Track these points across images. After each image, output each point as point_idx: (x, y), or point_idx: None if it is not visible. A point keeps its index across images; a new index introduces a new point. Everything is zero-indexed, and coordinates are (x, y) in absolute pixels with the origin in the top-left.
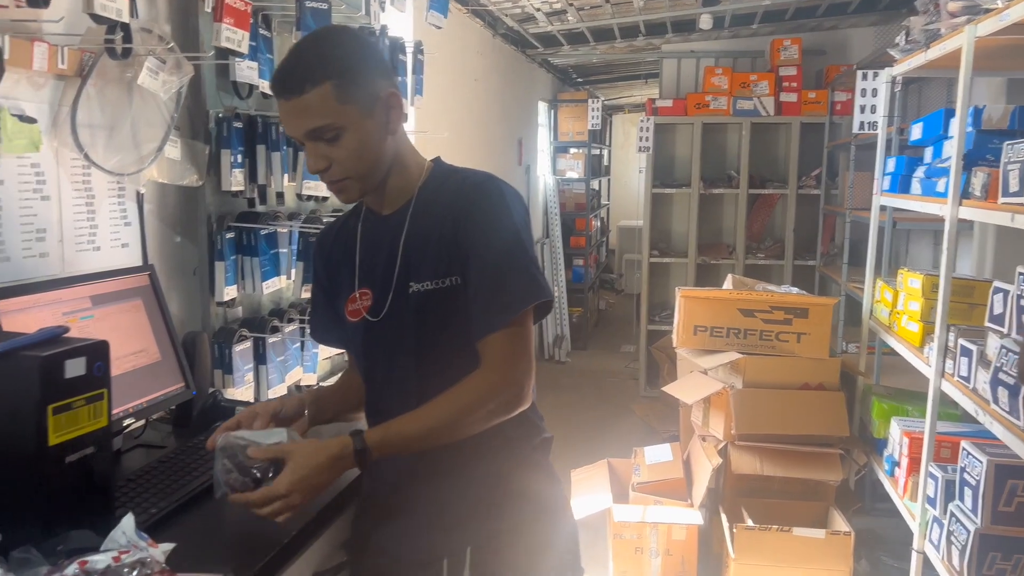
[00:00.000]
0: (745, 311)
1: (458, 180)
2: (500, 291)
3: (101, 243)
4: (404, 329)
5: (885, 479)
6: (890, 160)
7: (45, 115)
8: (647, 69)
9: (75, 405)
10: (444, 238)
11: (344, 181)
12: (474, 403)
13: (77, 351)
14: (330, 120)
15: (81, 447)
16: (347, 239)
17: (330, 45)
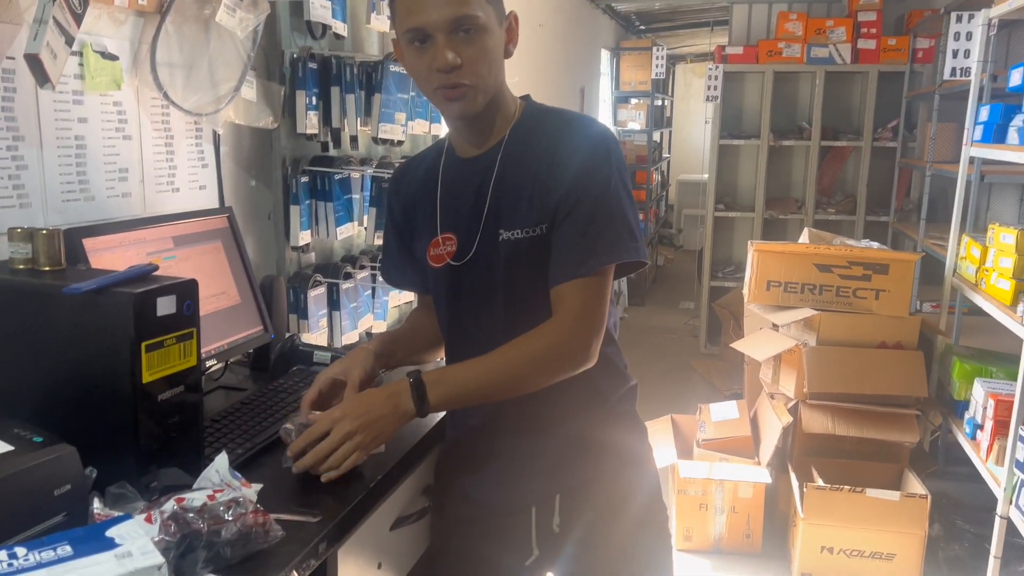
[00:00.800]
0: (821, 266)
1: (556, 124)
2: (585, 239)
3: (180, 184)
4: (493, 278)
5: (965, 442)
6: (983, 109)
7: (126, 52)
8: (714, 16)
9: (167, 343)
10: (538, 184)
11: (468, 88)
12: (537, 358)
13: (168, 289)
14: (478, 12)
15: (173, 385)
16: (427, 180)
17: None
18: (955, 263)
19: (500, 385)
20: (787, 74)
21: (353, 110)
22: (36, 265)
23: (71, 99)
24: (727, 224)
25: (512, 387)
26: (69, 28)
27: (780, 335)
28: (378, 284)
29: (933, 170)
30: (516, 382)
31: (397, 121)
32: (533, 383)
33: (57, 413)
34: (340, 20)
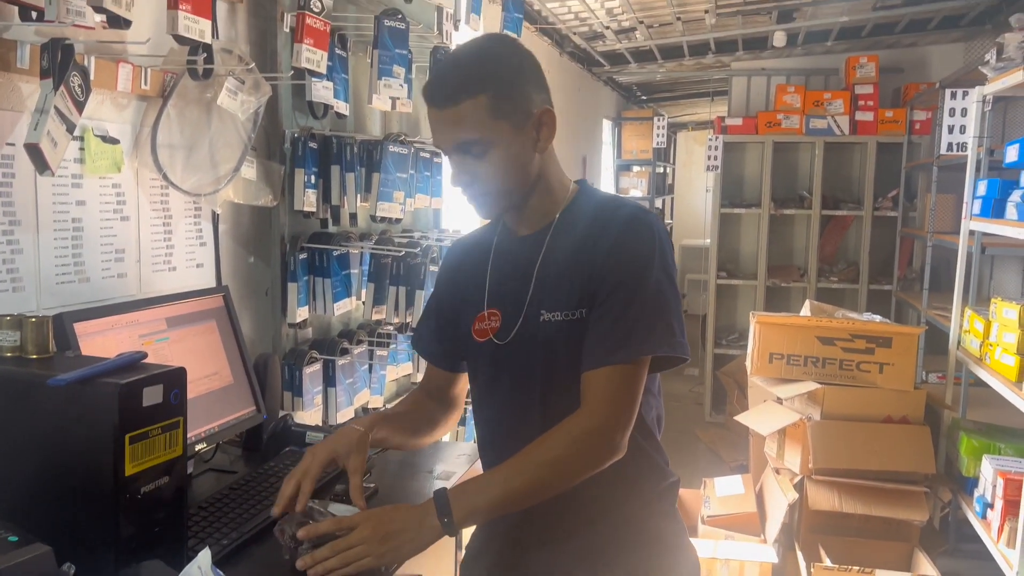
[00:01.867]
0: (824, 339)
1: (605, 209)
2: (620, 327)
3: (177, 263)
4: (533, 358)
5: (976, 521)
6: (981, 183)
7: (127, 136)
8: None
9: (152, 434)
10: (582, 268)
11: (485, 197)
12: (563, 456)
13: (155, 379)
14: (481, 135)
15: (156, 477)
16: (479, 255)
17: (490, 55)
18: (959, 336)
19: (528, 491)
20: (786, 144)
21: (353, 188)
22: (24, 353)
23: (70, 183)
24: (730, 291)
25: (541, 491)
26: (71, 116)
27: (784, 408)
28: (375, 360)
29: (934, 240)
30: (544, 485)
31: (395, 200)
32: (562, 484)
33: (37, 506)
34: (342, 100)
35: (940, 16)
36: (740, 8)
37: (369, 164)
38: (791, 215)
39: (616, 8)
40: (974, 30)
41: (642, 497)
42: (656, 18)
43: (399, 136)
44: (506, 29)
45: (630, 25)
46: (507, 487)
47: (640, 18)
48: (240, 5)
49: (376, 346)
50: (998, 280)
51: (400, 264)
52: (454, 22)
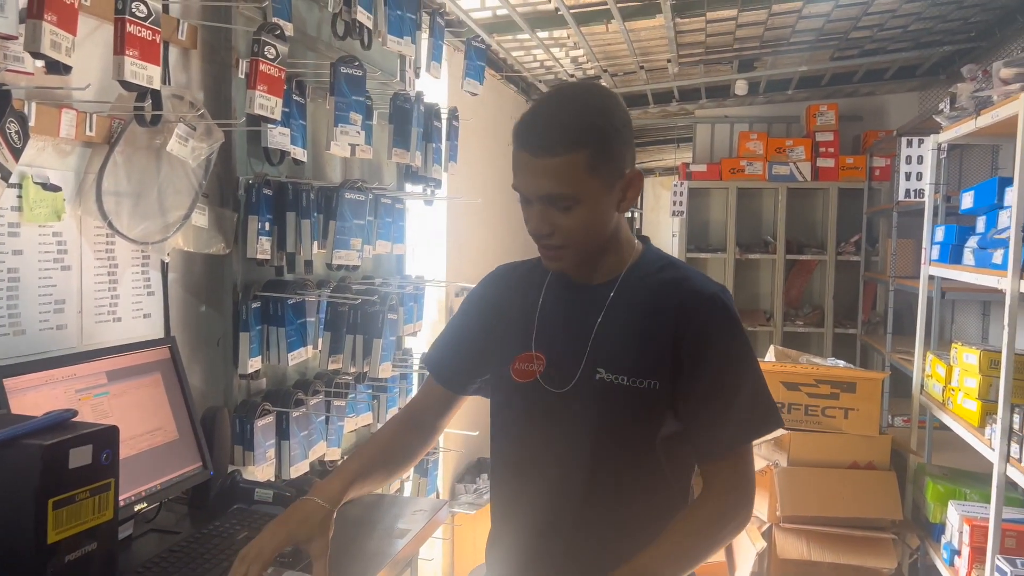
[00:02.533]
0: (789, 384)
1: (679, 277)
2: (736, 415)
3: (122, 314)
4: (585, 413)
5: (944, 568)
6: (938, 229)
7: (70, 183)
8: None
9: (79, 498)
10: (654, 337)
11: (562, 250)
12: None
13: (84, 439)
14: (572, 190)
15: (83, 544)
16: (529, 291)
17: (596, 111)
18: (922, 380)
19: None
20: (750, 190)
21: (309, 235)
22: None
23: (6, 231)
24: None
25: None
26: (6, 164)
27: None
28: (332, 411)
29: (896, 285)
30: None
31: (352, 247)
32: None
33: None
34: (300, 146)
35: (896, 66)
36: (702, 58)
37: (327, 210)
38: (756, 259)
39: (581, 57)
40: (929, 80)
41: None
42: (620, 67)
43: (356, 182)
44: (468, 77)
45: (595, 73)
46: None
47: (604, 67)
48: (194, 51)
49: (333, 396)
50: (960, 324)
51: (358, 312)
52: (415, 69)
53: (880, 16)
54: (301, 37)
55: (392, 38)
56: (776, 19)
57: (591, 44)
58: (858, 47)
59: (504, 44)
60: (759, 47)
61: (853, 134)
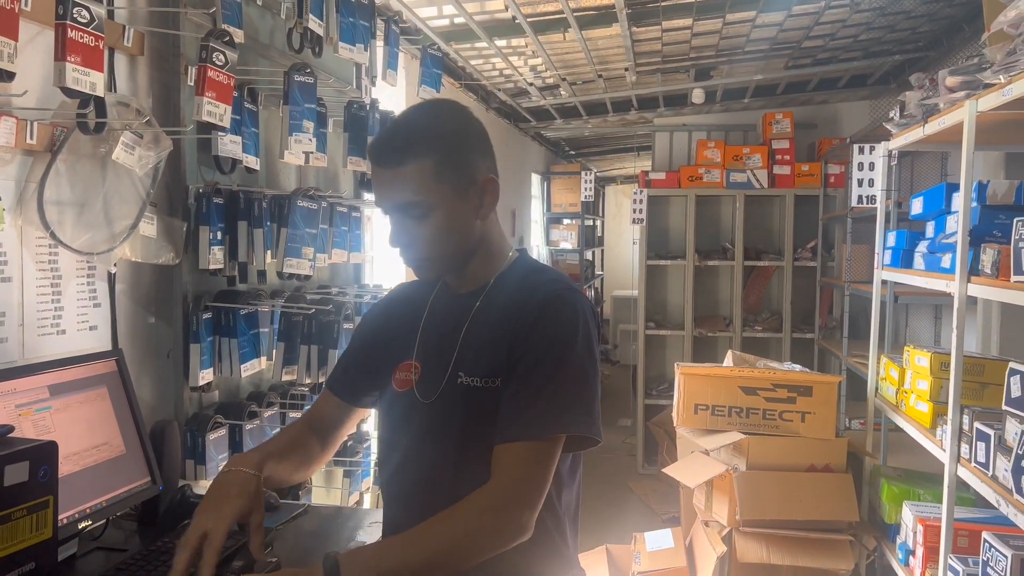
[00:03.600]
0: (747, 389)
1: (531, 281)
2: (537, 403)
3: (67, 326)
4: (449, 418)
5: (899, 568)
6: (890, 234)
7: (10, 192)
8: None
9: (15, 516)
10: (503, 336)
11: (423, 260)
12: (466, 534)
13: (19, 455)
14: (422, 197)
15: (20, 563)
16: (417, 305)
17: (439, 120)
18: (876, 383)
19: (424, 565)
20: (709, 197)
21: (261, 244)
22: None
23: None
24: (659, 342)
25: (437, 567)
26: None
27: (711, 460)
28: (287, 424)
29: (851, 290)
30: (442, 561)
31: (304, 255)
32: (461, 561)
33: None
34: (252, 154)
35: (848, 75)
36: (659, 66)
37: (280, 219)
38: (715, 266)
39: (539, 65)
40: (880, 88)
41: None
42: (578, 75)
43: (309, 190)
44: (424, 84)
45: (554, 82)
46: (403, 559)
47: (563, 75)
48: (141, 58)
49: (289, 408)
50: (913, 327)
51: (312, 322)
52: (371, 77)
53: (831, 26)
54: (253, 44)
55: (344, 45)
56: (730, 28)
57: (549, 53)
58: (811, 56)
59: (462, 52)
60: (715, 55)
61: (808, 141)
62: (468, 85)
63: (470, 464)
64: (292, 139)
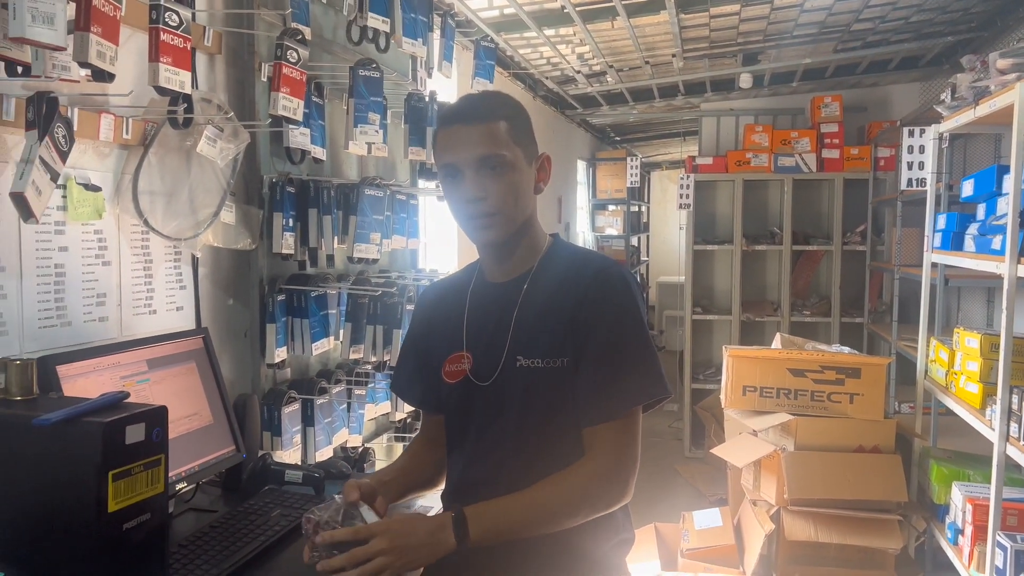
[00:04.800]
0: (795, 371)
1: (579, 261)
2: (618, 382)
3: (157, 307)
4: (509, 401)
5: (948, 547)
6: (940, 217)
7: (109, 183)
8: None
9: (134, 471)
10: (560, 318)
11: (494, 216)
12: (578, 495)
13: (137, 417)
14: (505, 151)
15: (138, 513)
16: (456, 298)
17: (507, 98)
18: (926, 366)
19: (540, 521)
20: (756, 182)
21: (330, 230)
22: (8, 395)
23: (53, 229)
24: (705, 327)
25: (550, 525)
26: (55, 165)
27: (759, 440)
28: (353, 399)
29: (901, 273)
30: (554, 521)
31: (372, 241)
32: (571, 520)
33: (23, 543)
34: (319, 145)
35: (899, 57)
36: (706, 52)
37: (346, 207)
38: (763, 251)
39: (587, 53)
40: (932, 70)
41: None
42: (625, 62)
43: (375, 179)
44: (478, 76)
45: (601, 69)
46: (521, 514)
47: (610, 62)
48: (219, 56)
49: (354, 385)
50: (965, 311)
51: (377, 304)
52: (427, 70)
53: (881, 8)
54: (318, 40)
55: (407, 40)
56: (779, 13)
57: (597, 41)
58: (861, 39)
59: (511, 42)
60: (763, 40)
61: (858, 125)
62: (516, 74)
63: (529, 441)
64: (357, 131)
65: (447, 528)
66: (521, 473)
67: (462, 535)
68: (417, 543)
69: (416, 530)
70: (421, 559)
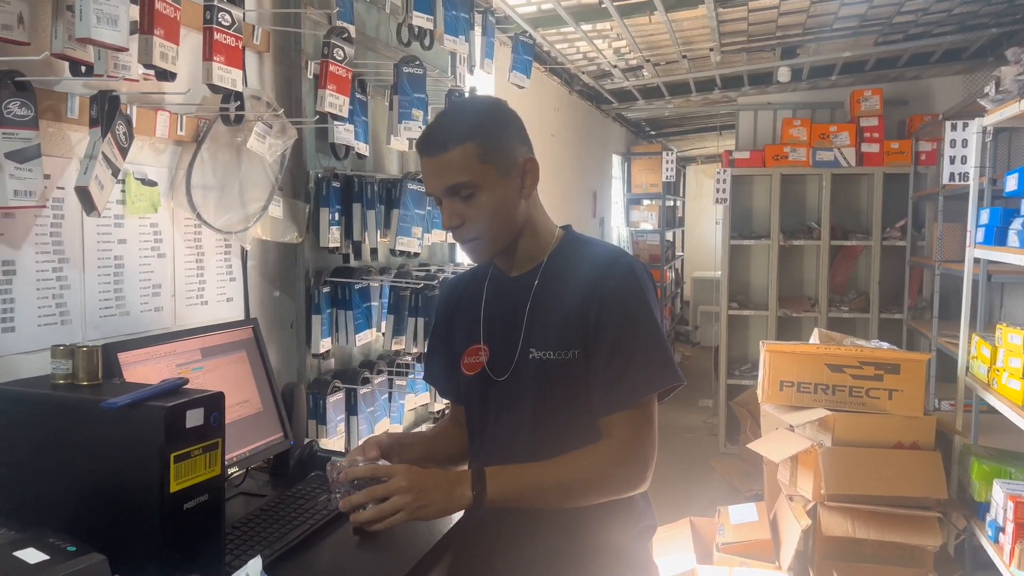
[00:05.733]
0: (833, 366)
1: (590, 253)
2: (631, 371)
3: (209, 298)
4: (523, 392)
5: (988, 545)
6: (983, 212)
7: (164, 178)
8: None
9: (194, 454)
10: (571, 310)
11: (476, 241)
12: (596, 473)
13: (197, 402)
14: (468, 178)
15: (197, 495)
16: (474, 292)
17: (475, 110)
18: (967, 362)
19: (556, 491)
20: (794, 176)
21: (373, 224)
22: (75, 380)
23: (113, 223)
24: (741, 322)
25: (567, 497)
26: (116, 161)
27: (796, 435)
28: (394, 389)
29: (942, 269)
30: (571, 492)
31: (414, 235)
32: (587, 497)
33: (89, 522)
34: (362, 141)
35: (942, 50)
36: (744, 46)
37: (388, 201)
38: (800, 246)
39: (623, 48)
40: (976, 63)
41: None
42: (662, 56)
43: (417, 174)
44: (515, 71)
45: (637, 64)
46: (540, 483)
47: (647, 57)
48: (267, 55)
49: (395, 376)
50: (1009, 307)
51: (418, 296)
52: (468, 66)
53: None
54: (361, 38)
55: (449, 38)
56: (818, 6)
57: (634, 35)
58: (902, 31)
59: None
60: (802, 34)
61: (898, 119)
62: (552, 69)
63: (543, 433)
64: (401, 127)
65: (465, 482)
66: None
67: (479, 491)
68: (435, 487)
69: (435, 476)
70: (437, 505)
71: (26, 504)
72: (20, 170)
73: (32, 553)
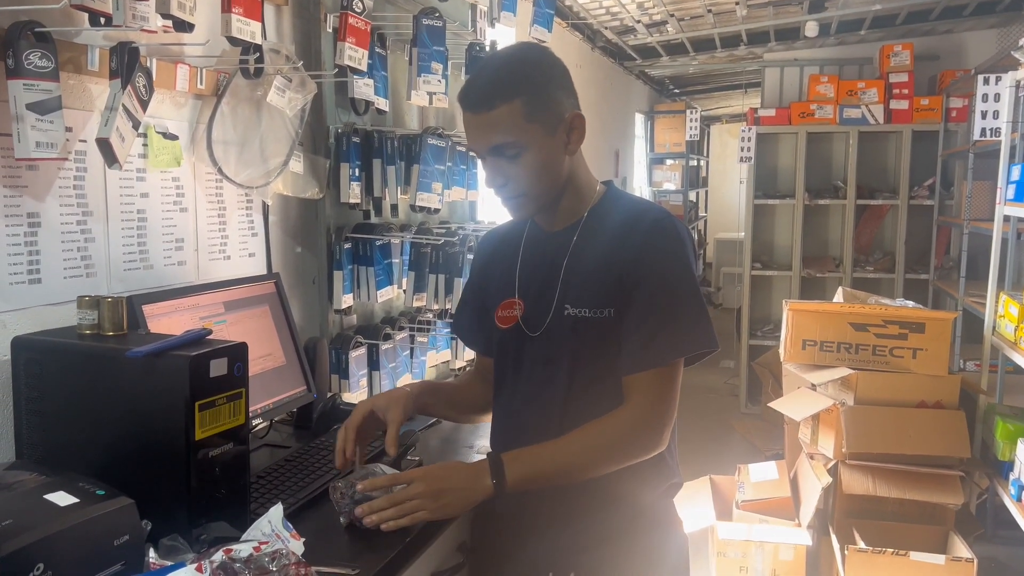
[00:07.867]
0: (857, 325)
1: (631, 211)
2: (661, 331)
3: (231, 252)
4: (559, 348)
5: (1011, 504)
6: (1015, 168)
7: (185, 132)
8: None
9: (218, 403)
10: (610, 268)
11: (519, 198)
12: (614, 443)
13: (220, 352)
14: (514, 138)
15: (221, 443)
16: (511, 246)
17: (522, 62)
18: (994, 321)
19: (575, 469)
20: (820, 134)
21: (394, 180)
22: (101, 331)
23: (135, 176)
24: (764, 283)
25: (586, 472)
26: (136, 113)
27: (818, 395)
28: (416, 344)
29: (971, 228)
30: (590, 467)
31: (434, 190)
32: (605, 468)
33: (116, 468)
34: (382, 96)
35: (975, 3)
36: None
37: (408, 157)
38: (825, 205)
39: (647, 2)
40: (1010, 15)
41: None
42: (687, 11)
43: (437, 129)
44: (536, 24)
45: (661, 18)
46: (558, 461)
47: (671, 11)
48: (285, 7)
49: (417, 332)
50: None
51: (439, 253)
52: (489, 19)
53: None
54: None
55: None
56: None
57: None
58: None
59: None
60: None
61: (929, 74)
62: (574, 25)
63: (578, 390)
64: (421, 80)
65: (484, 474)
66: (570, 420)
67: (499, 480)
68: (454, 487)
69: (453, 475)
70: (457, 503)
71: (56, 450)
72: (42, 121)
73: (62, 496)
